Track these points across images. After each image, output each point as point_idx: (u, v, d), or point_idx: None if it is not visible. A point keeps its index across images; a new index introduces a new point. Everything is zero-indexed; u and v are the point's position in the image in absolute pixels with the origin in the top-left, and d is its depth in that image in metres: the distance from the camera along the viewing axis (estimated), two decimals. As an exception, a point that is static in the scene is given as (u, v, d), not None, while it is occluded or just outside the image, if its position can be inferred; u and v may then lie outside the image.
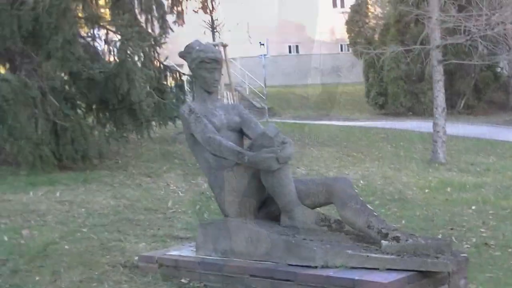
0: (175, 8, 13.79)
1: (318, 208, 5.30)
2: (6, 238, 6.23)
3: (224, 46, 17.01)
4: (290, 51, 37.33)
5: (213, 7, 16.63)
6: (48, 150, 9.70)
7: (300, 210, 5.18)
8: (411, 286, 4.53)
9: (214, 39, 17.13)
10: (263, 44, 24.80)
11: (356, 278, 4.51)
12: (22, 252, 5.73)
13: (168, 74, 13.37)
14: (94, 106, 11.14)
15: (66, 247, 6.01)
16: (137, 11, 12.23)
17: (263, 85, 25.88)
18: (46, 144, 9.65)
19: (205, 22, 16.89)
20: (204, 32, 17.40)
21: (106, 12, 12.69)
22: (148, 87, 11.02)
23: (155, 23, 12.57)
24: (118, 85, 10.08)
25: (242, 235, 5.09)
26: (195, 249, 5.40)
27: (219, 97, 5.60)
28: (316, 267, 4.74)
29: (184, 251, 5.54)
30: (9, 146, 9.19)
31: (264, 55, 25.04)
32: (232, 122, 5.45)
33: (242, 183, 5.20)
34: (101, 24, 11.56)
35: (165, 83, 12.68)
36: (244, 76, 26.58)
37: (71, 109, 10.28)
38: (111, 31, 11.62)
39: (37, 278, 5.06)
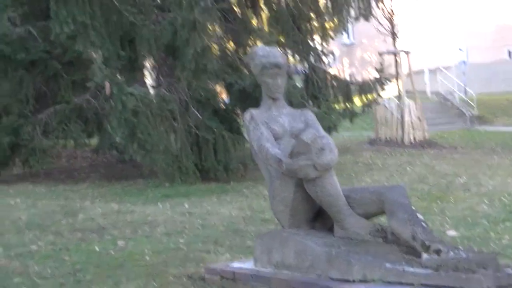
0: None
1: (377, 219, 5.30)
2: (97, 249, 6.82)
3: (407, 53, 16.84)
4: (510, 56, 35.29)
5: (392, 12, 16.54)
6: (189, 162, 10.36)
7: (353, 220, 5.19)
8: (444, 304, 4.40)
9: (394, 45, 16.99)
10: (462, 50, 24.54)
11: (384, 294, 4.47)
12: (101, 263, 6.28)
13: (334, 83, 13.68)
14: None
15: (147, 257, 6.45)
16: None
17: (472, 92, 25.25)
18: (186, 156, 10.32)
19: (384, 28, 16.78)
20: (384, 39, 17.34)
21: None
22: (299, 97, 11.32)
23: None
24: (257, 95, 10.46)
25: (291, 247, 5.19)
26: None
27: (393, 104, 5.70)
28: (354, 281, 4.76)
29: (248, 264, 5.74)
30: (140, 159, 9.99)
31: (464, 61, 24.83)
32: (295, 129, 5.57)
33: (288, 192, 5.33)
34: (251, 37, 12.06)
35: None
36: (454, 83, 26.05)
37: (214, 121, 10.85)
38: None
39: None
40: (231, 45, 13.26)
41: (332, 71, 15.02)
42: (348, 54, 34.25)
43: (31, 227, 7.89)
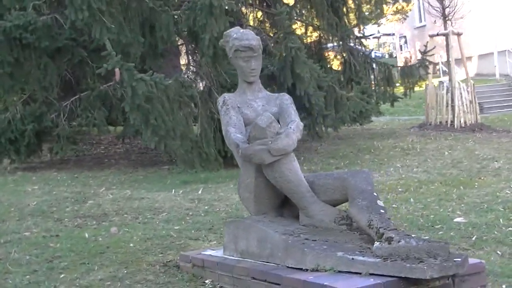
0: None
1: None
2: (87, 235, 6.88)
3: (458, 35, 16.36)
4: None
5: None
6: (210, 148, 10.35)
7: (317, 207, 5.11)
8: (388, 295, 4.28)
9: (445, 27, 16.52)
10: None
11: (326, 283, 4.37)
12: (83, 250, 6.32)
13: (375, 66, 13.46)
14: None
15: (131, 245, 6.47)
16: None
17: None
18: (207, 143, 10.32)
19: (435, 9, 16.37)
20: (435, 21, 16.90)
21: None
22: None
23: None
24: (282, 80, 10.48)
25: (254, 234, 5.13)
26: (223, 249, 5.57)
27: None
28: (307, 270, 4.67)
29: (219, 251, 5.70)
30: (154, 145, 10.02)
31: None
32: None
33: (250, 178, 5.26)
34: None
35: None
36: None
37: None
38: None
39: (61, 276, 5.54)
40: (267, 29, 13.19)
41: (403, 54, 14.78)
42: (419, 37, 33.65)
43: (35, 213, 8.02)
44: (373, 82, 13.79)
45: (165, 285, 5.34)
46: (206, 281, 5.36)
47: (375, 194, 4.91)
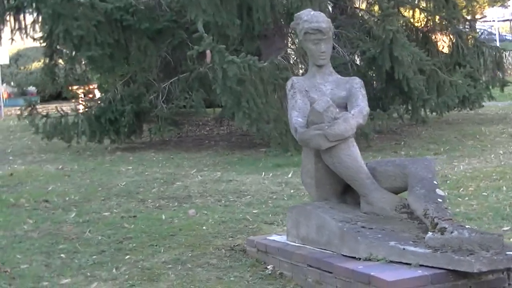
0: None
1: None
2: (163, 217, 7.00)
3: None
4: None
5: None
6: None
7: (378, 194, 5.01)
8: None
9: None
10: None
11: (372, 274, 4.30)
12: (156, 232, 6.43)
13: (485, 50, 13.03)
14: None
15: (204, 228, 6.53)
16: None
17: None
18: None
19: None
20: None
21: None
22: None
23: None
24: (380, 63, 10.30)
25: (314, 221, 5.09)
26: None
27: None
28: (359, 259, 4.61)
29: (284, 237, 5.67)
30: (246, 128, 10.05)
31: None
32: (336, 97, 5.39)
33: (310, 164, 5.24)
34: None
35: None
36: None
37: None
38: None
39: (127, 257, 5.66)
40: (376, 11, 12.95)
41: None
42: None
43: (121, 194, 8.21)
44: (482, 66, 13.30)
45: (226, 269, 5.36)
46: (268, 267, 5.35)
47: (435, 182, 4.75)
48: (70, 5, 10.38)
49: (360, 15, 12.75)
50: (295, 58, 11.41)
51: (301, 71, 11.28)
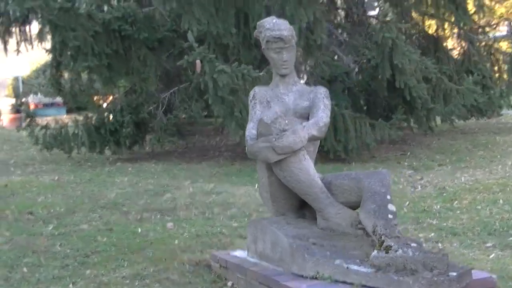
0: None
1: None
2: (139, 230, 6.90)
3: None
4: None
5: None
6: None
7: (333, 209, 4.86)
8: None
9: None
10: None
11: (309, 296, 4.15)
12: (126, 245, 6.32)
13: (499, 57, 12.74)
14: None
15: (176, 241, 6.41)
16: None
17: None
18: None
19: None
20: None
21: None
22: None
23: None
24: (381, 72, 10.12)
25: (268, 236, 4.97)
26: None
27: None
28: (306, 277, 4.46)
29: (245, 252, 5.53)
30: (239, 139, 9.88)
31: None
32: (299, 108, 5.28)
33: (264, 177, 5.10)
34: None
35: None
36: None
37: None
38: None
39: (87, 271, 5.56)
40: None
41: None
42: None
43: (106, 206, 8.14)
44: (496, 74, 12.98)
45: (185, 285, 5.28)
46: (228, 284, 5.22)
47: (388, 197, 4.57)
48: (67, 16, 10.33)
49: (368, 22, 12.49)
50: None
51: (302, 81, 11.09)
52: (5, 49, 13.13)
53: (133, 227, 7.08)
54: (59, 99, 25.01)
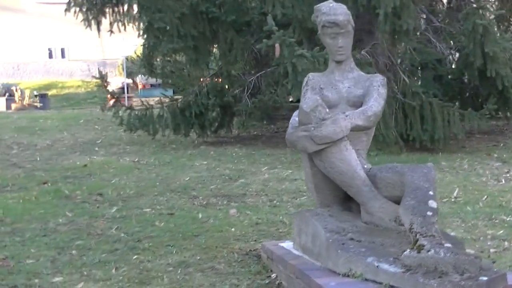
0: None
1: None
2: (200, 216, 6.86)
3: None
4: None
5: None
6: (389, 131, 9.85)
7: (377, 203, 4.65)
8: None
9: None
10: None
11: (333, 294, 3.99)
12: (181, 231, 6.27)
13: None
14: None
15: (233, 229, 6.34)
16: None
17: None
18: (385, 124, 9.83)
19: None
20: None
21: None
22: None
23: None
24: (472, 60, 9.70)
25: (310, 229, 4.82)
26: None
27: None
28: (339, 274, 4.30)
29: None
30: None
31: None
32: (352, 96, 5.10)
33: (307, 167, 4.95)
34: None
35: None
36: None
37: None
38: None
39: (134, 257, 5.55)
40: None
41: None
42: None
43: (176, 190, 8.16)
44: None
45: (227, 275, 5.17)
46: (272, 276, 5.11)
47: (430, 193, 4.31)
48: (154, -2, 10.38)
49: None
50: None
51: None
52: (98, 29, 13.32)
53: (195, 212, 7.04)
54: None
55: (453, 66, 11.17)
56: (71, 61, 31.76)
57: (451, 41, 11.29)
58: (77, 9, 13.01)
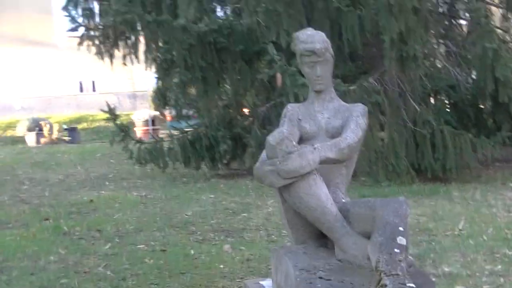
0: None
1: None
2: (192, 252, 6.77)
3: None
4: None
5: None
6: (400, 160, 9.68)
7: (350, 240, 4.51)
8: None
9: None
10: None
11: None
12: (170, 268, 6.20)
13: None
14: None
15: (221, 266, 6.25)
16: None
17: None
18: (395, 153, 9.67)
19: None
20: None
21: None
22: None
23: None
24: (482, 86, 9.52)
25: (283, 267, 4.70)
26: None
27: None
28: (306, 316, 4.17)
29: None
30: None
31: None
32: (330, 127, 4.98)
33: (279, 203, 4.81)
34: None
35: None
36: None
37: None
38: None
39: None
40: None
41: None
42: None
43: (176, 225, 8.12)
44: None
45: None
46: (251, 316, 4.98)
47: (400, 228, 4.16)
48: (161, 29, 10.36)
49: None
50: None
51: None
52: (111, 62, 13.40)
53: (188, 248, 6.97)
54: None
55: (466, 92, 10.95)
56: (102, 94, 31.98)
57: (467, 67, 11.07)
58: (90, 42, 13.08)
